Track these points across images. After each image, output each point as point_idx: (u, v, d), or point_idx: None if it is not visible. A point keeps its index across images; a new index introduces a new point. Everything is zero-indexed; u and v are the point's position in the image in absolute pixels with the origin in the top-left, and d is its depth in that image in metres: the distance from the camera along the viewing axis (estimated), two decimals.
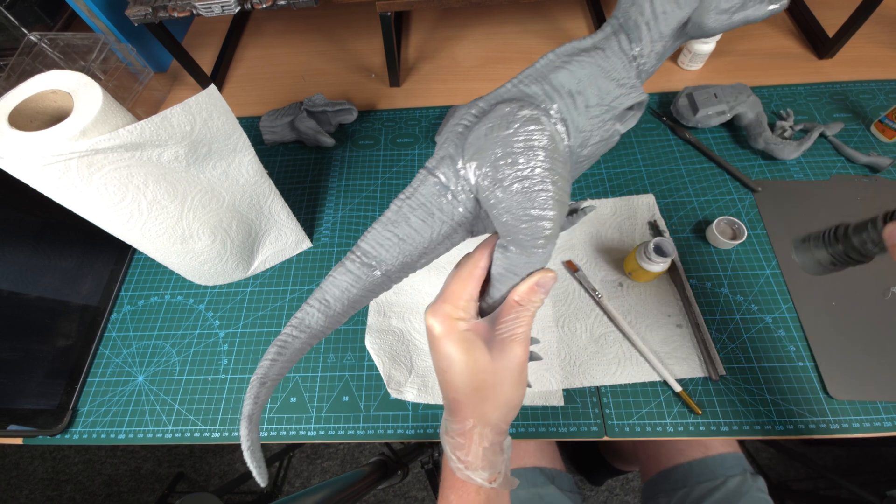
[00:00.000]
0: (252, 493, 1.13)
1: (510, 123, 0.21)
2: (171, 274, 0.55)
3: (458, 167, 0.23)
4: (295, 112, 0.63)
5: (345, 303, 0.25)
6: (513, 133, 0.21)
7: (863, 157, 0.55)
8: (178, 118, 0.34)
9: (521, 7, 0.78)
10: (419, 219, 0.24)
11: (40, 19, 0.68)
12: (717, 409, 0.43)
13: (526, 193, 0.21)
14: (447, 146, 0.23)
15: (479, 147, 0.22)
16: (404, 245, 0.25)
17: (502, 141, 0.21)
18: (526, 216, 0.22)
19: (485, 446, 0.27)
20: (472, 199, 0.23)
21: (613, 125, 0.23)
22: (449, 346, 0.26)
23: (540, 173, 0.21)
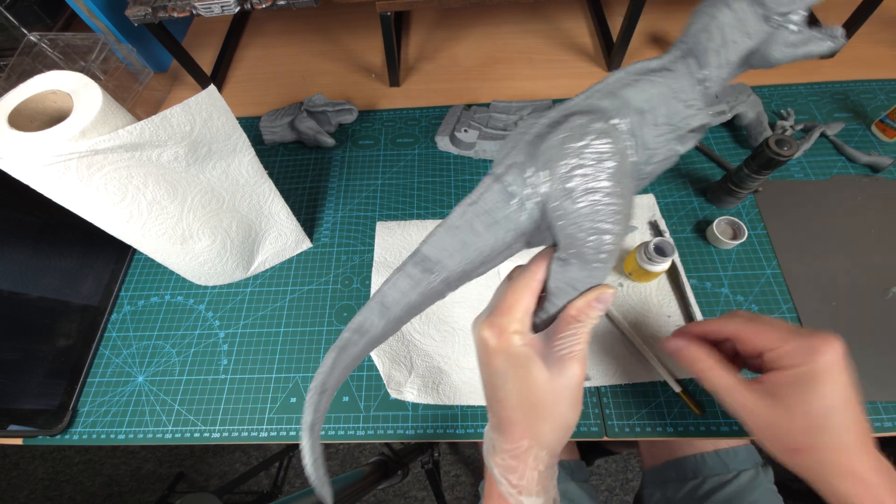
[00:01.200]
0: (252, 493, 1.13)
1: (583, 135, 0.21)
2: (171, 274, 0.55)
3: (526, 175, 0.23)
4: (295, 112, 0.63)
5: (403, 307, 0.25)
6: (585, 145, 0.21)
7: (863, 156, 0.55)
8: (178, 118, 0.34)
9: (521, 7, 0.78)
10: (483, 225, 0.24)
11: (40, 19, 0.68)
12: (717, 410, 0.43)
13: (593, 206, 0.21)
14: (515, 154, 0.23)
15: (552, 156, 0.22)
16: (466, 252, 0.24)
17: (575, 152, 0.21)
18: (592, 229, 0.21)
19: (540, 469, 0.26)
20: (537, 209, 0.23)
21: (675, 146, 0.24)
22: (504, 362, 0.24)
23: (608, 187, 0.21)
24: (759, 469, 0.53)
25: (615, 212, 0.21)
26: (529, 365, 0.24)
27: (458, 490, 1.15)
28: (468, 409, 0.45)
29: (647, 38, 0.72)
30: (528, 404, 0.25)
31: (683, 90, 0.23)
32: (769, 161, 0.45)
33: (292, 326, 0.51)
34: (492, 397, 0.26)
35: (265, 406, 0.47)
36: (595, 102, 0.23)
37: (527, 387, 0.24)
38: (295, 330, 0.50)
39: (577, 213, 0.21)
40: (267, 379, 0.48)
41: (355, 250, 0.55)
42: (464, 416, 0.45)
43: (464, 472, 1.16)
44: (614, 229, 0.22)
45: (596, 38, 0.73)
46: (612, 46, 0.67)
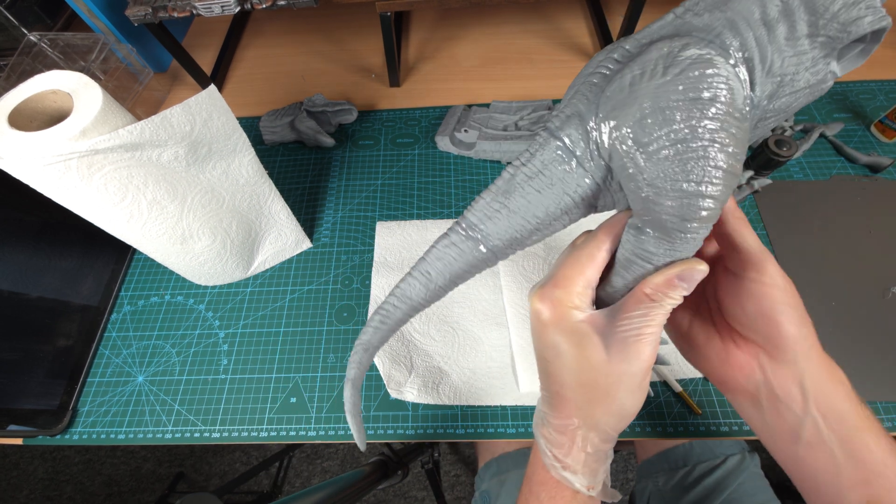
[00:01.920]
0: (252, 493, 1.13)
1: (668, 68, 0.16)
2: (171, 274, 0.55)
3: (588, 127, 0.18)
4: (295, 112, 0.63)
5: (447, 277, 0.23)
6: (670, 81, 0.16)
7: (863, 157, 0.55)
8: (178, 118, 0.34)
9: (521, 7, 0.78)
10: (535, 189, 0.20)
11: (40, 19, 0.68)
12: (717, 410, 0.43)
13: (680, 162, 0.16)
14: (576, 102, 0.19)
15: (620, 101, 0.17)
16: (515, 219, 0.21)
17: (653, 92, 0.16)
18: (675, 191, 0.17)
19: (587, 451, 0.24)
20: (602, 168, 0.19)
21: (828, 64, 0.17)
22: (557, 337, 0.22)
23: (704, 135, 0.16)
24: (745, 454, 0.55)
25: (714, 168, 0.16)
26: (585, 343, 0.22)
27: (458, 490, 1.15)
28: (468, 409, 0.45)
29: None
30: (581, 384, 0.23)
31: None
32: (768, 161, 0.45)
33: (292, 326, 0.51)
34: (543, 371, 0.25)
35: (265, 406, 0.47)
36: (691, 20, 0.17)
37: (580, 366, 0.22)
38: (295, 330, 0.51)
39: (654, 170, 0.17)
40: (267, 379, 0.48)
41: (355, 250, 0.55)
42: (464, 416, 0.45)
43: (464, 472, 1.16)
44: (709, 191, 0.17)
45: (596, 38, 0.73)
46: None
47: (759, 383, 0.25)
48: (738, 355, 0.26)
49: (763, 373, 0.25)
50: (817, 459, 0.24)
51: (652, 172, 0.17)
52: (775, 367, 0.24)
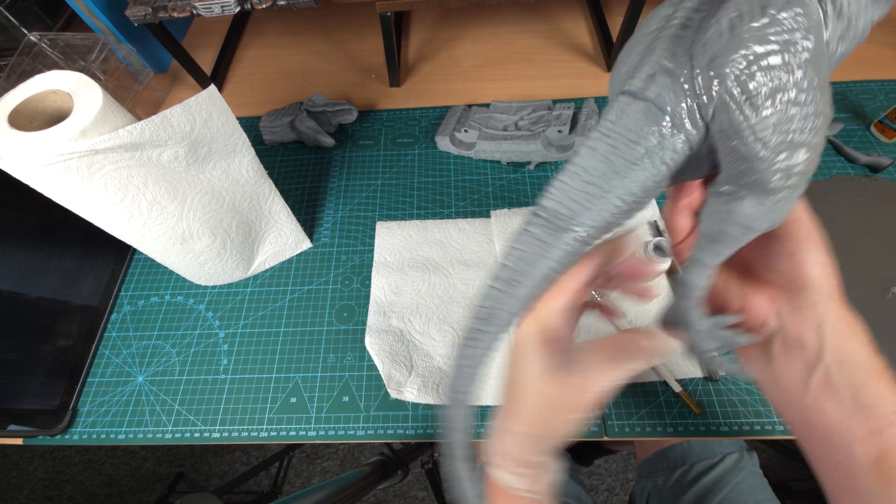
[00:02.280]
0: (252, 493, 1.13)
1: (765, 9, 0.15)
2: (171, 274, 0.55)
3: (682, 83, 0.17)
4: (295, 112, 0.63)
5: (536, 281, 0.21)
6: (769, 23, 0.15)
7: (863, 157, 0.55)
8: (178, 118, 0.34)
9: (521, 7, 0.78)
10: (626, 161, 0.18)
11: (40, 19, 0.68)
12: (717, 410, 0.43)
13: (785, 111, 0.15)
14: (657, 59, 0.17)
15: (722, 48, 0.16)
16: (607, 200, 0.19)
17: (754, 37, 0.15)
18: (782, 144, 0.16)
19: (502, 448, 0.26)
20: (701, 128, 0.17)
21: (872, 10, 0.17)
22: (518, 344, 0.24)
23: (803, 80, 0.15)
24: (743, 452, 0.55)
25: (813, 114, 0.16)
26: (527, 354, 0.23)
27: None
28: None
29: None
30: (513, 392, 0.25)
31: None
32: None
33: (292, 326, 0.51)
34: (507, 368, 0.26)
35: (265, 406, 0.47)
36: None
37: (517, 374, 0.24)
38: (295, 330, 0.51)
39: (763, 124, 0.16)
40: (267, 379, 0.48)
41: (355, 250, 0.55)
42: None
43: None
44: (812, 140, 0.16)
45: (596, 38, 0.73)
46: (612, 46, 0.67)
47: (774, 331, 0.24)
48: (755, 301, 0.25)
49: (779, 319, 0.24)
50: (826, 410, 0.23)
51: (761, 127, 0.16)
52: (793, 312, 0.23)
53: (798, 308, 0.23)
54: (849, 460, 0.23)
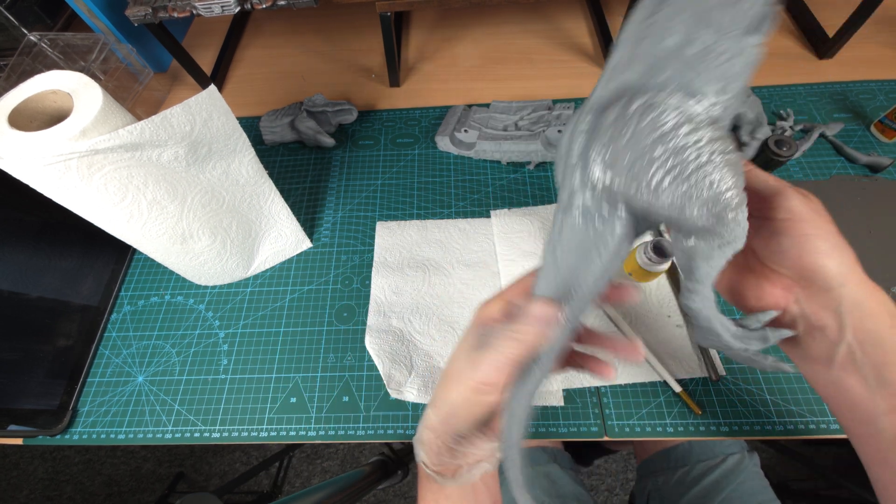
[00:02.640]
0: (252, 493, 1.13)
1: (623, 129, 0.19)
2: (171, 274, 0.55)
3: (593, 189, 0.21)
4: (295, 112, 0.63)
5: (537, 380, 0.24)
6: (632, 136, 0.19)
7: (863, 157, 0.55)
8: (178, 118, 0.34)
9: (521, 7, 0.78)
10: (580, 257, 0.22)
11: (40, 19, 0.68)
12: (717, 409, 0.43)
13: (683, 181, 0.18)
14: (571, 180, 0.21)
15: (609, 162, 0.20)
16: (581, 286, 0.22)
17: (628, 147, 0.19)
18: (695, 204, 0.19)
19: (428, 425, 0.26)
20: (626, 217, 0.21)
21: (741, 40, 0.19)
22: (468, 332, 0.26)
23: (688, 152, 0.18)
24: (745, 453, 0.55)
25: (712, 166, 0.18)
26: (464, 335, 0.25)
27: None
28: None
29: None
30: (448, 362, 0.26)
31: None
32: (768, 161, 0.45)
33: (292, 326, 0.51)
34: None
35: (265, 406, 0.47)
36: (619, 77, 0.20)
37: (453, 353, 0.26)
38: (295, 330, 0.51)
39: (667, 199, 0.19)
40: (267, 379, 0.48)
41: (355, 250, 0.55)
42: None
43: None
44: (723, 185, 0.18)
45: (596, 38, 0.73)
46: (611, 46, 0.67)
47: (796, 315, 0.25)
48: (772, 292, 0.25)
49: (798, 305, 0.25)
50: (851, 385, 0.24)
51: (665, 201, 0.19)
52: (809, 298, 0.24)
53: (813, 295, 0.24)
54: (876, 433, 0.24)
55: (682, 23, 0.19)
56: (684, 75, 0.19)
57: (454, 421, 0.25)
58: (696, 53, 0.19)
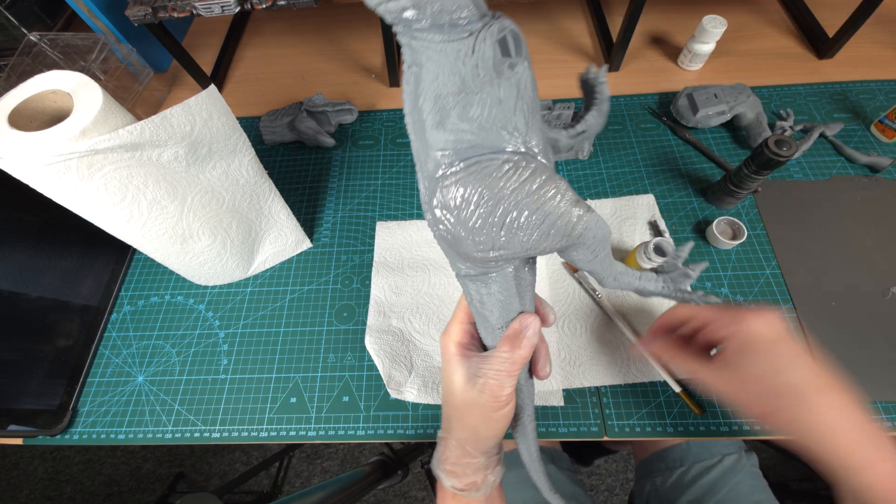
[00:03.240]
0: (252, 493, 1.13)
1: (428, 208, 0.22)
2: (171, 274, 0.55)
3: (461, 268, 0.25)
4: (295, 112, 0.63)
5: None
6: (435, 222, 0.22)
7: (863, 157, 0.55)
8: (178, 118, 0.34)
9: (521, 7, 0.78)
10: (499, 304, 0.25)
11: (40, 19, 0.68)
12: (717, 409, 0.43)
13: (527, 232, 0.21)
14: (455, 264, 0.25)
15: (451, 247, 0.23)
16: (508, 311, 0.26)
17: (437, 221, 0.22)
18: (540, 236, 0.21)
19: (449, 457, 0.29)
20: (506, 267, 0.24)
21: (501, 75, 0.21)
22: (442, 360, 0.29)
23: (528, 200, 0.21)
24: (742, 453, 0.55)
25: (526, 210, 0.21)
26: (450, 369, 0.28)
27: None
28: None
29: (646, 38, 0.72)
30: (446, 403, 0.29)
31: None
32: (768, 161, 0.45)
33: (292, 326, 0.51)
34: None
35: (265, 406, 0.47)
36: (419, 173, 0.22)
37: (446, 388, 0.28)
38: (295, 330, 0.51)
39: (531, 244, 0.22)
40: (267, 379, 0.48)
41: (355, 250, 0.55)
42: None
43: None
44: (558, 207, 0.21)
45: (596, 38, 0.73)
46: (612, 46, 0.67)
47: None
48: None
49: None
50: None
51: (525, 245, 0.22)
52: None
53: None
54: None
55: (458, 94, 0.20)
56: (496, 133, 0.21)
57: (481, 443, 0.28)
58: (490, 112, 0.20)
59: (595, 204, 0.55)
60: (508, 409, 0.27)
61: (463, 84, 0.19)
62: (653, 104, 0.64)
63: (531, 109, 0.22)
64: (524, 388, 0.29)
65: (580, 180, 0.58)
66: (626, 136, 0.61)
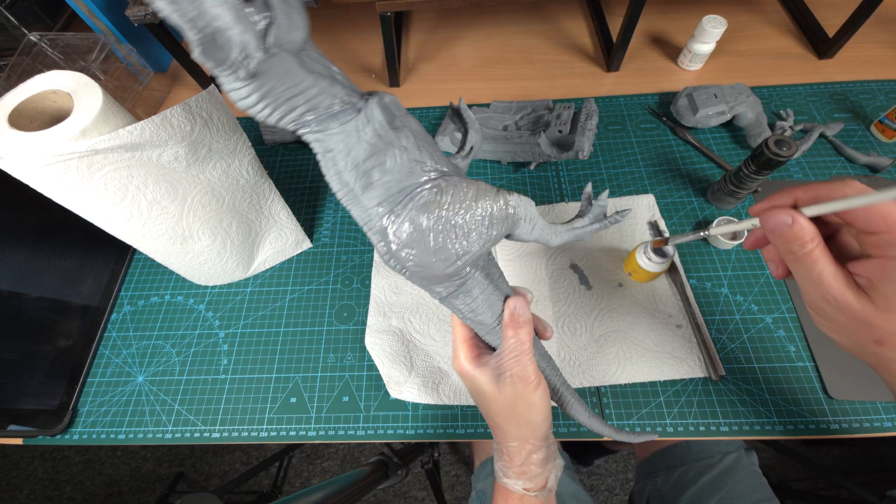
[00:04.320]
0: (252, 493, 1.13)
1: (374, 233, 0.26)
2: (171, 274, 0.55)
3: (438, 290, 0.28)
4: None
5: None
6: (402, 263, 0.25)
7: (863, 157, 0.55)
8: (178, 118, 0.34)
9: (521, 7, 0.78)
10: (483, 305, 0.29)
11: (40, 19, 0.68)
12: (717, 409, 0.43)
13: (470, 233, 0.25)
14: (429, 288, 0.28)
15: (420, 274, 0.26)
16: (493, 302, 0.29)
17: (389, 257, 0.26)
18: (489, 228, 0.26)
19: (515, 459, 0.31)
20: (476, 270, 0.28)
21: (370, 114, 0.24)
22: (465, 381, 0.31)
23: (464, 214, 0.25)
24: (742, 452, 0.55)
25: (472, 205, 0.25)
26: (476, 382, 0.29)
27: (458, 490, 1.15)
28: (468, 409, 0.45)
29: (646, 38, 0.72)
30: (489, 412, 0.30)
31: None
32: (768, 161, 0.45)
33: (292, 326, 0.51)
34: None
35: (265, 406, 0.47)
36: (387, 196, 0.25)
37: (481, 399, 0.30)
38: (295, 330, 0.51)
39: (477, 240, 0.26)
40: (267, 379, 0.48)
41: (355, 250, 0.55)
42: (464, 416, 0.45)
43: (464, 472, 1.16)
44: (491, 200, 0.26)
45: (596, 38, 0.73)
46: (611, 46, 0.67)
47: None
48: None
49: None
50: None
51: (477, 247, 0.26)
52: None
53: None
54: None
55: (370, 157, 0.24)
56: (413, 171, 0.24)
57: (536, 430, 0.30)
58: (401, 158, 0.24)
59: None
60: (542, 387, 0.29)
61: (371, 148, 0.23)
62: (653, 104, 0.64)
63: (428, 143, 0.25)
64: (543, 363, 0.32)
65: (580, 180, 0.58)
66: (626, 136, 0.61)
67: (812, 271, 0.25)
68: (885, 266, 0.24)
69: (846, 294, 0.25)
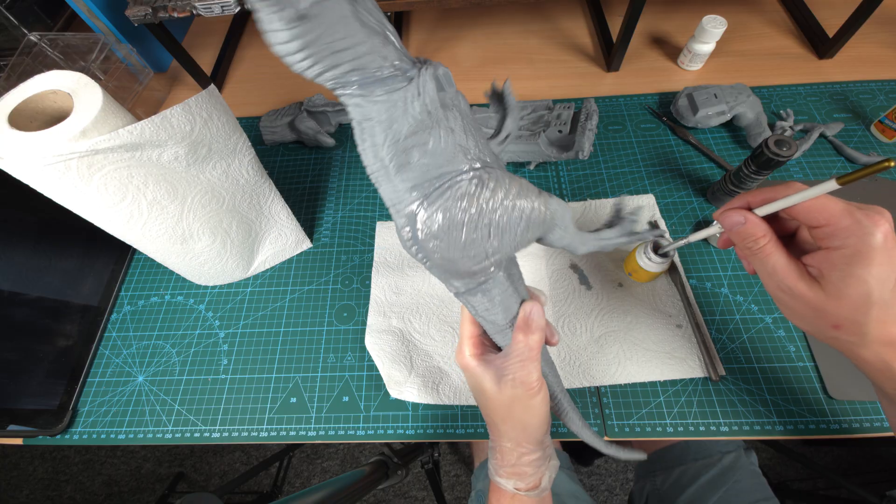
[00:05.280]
0: (252, 493, 1.13)
1: (399, 230, 0.24)
2: (171, 274, 0.55)
3: (455, 285, 0.27)
4: (295, 112, 0.63)
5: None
6: (428, 254, 0.24)
7: (863, 157, 0.55)
8: (178, 118, 0.34)
9: (521, 7, 0.78)
10: (500, 300, 0.28)
11: (40, 19, 0.68)
12: (717, 409, 0.43)
13: (509, 229, 0.24)
14: (449, 284, 0.27)
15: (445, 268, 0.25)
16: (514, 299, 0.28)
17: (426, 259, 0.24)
18: (524, 231, 0.24)
19: (508, 459, 0.31)
20: (500, 273, 0.26)
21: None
22: (466, 377, 0.31)
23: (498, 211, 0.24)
24: (741, 451, 0.55)
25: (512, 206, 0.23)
26: (478, 379, 0.29)
27: (458, 490, 1.15)
28: (468, 409, 0.45)
29: (646, 38, 0.72)
30: (487, 410, 0.30)
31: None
32: (768, 161, 0.45)
33: (292, 326, 0.51)
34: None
35: (265, 406, 0.47)
36: (423, 184, 0.23)
37: (480, 396, 0.30)
38: (295, 330, 0.51)
39: (510, 242, 0.24)
40: (267, 379, 0.48)
41: (355, 250, 0.55)
42: (464, 416, 0.45)
43: (464, 472, 1.16)
44: (531, 203, 0.24)
45: (596, 38, 0.73)
46: (611, 46, 0.67)
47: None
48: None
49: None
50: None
51: (511, 245, 0.25)
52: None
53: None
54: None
55: (413, 134, 0.21)
56: (455, 157, 0.22)
57: (531, 434, 0.30)
58: (445, 141, 0.22)
59: (595, 204, 0.55)
60: (543, 393, 0.29)
61: (417, 124, 0.21)
62: (653, 104, 0.64)
63: (475, 128, 0.23)
64: (546, 370, 0.31)
65: (580, 180, 0.58)
66: (626, 136, 0.61)
67: (766, 264, 0.28)
68: (830, 256, 0.26)
69: (799, 284, 0.27)
